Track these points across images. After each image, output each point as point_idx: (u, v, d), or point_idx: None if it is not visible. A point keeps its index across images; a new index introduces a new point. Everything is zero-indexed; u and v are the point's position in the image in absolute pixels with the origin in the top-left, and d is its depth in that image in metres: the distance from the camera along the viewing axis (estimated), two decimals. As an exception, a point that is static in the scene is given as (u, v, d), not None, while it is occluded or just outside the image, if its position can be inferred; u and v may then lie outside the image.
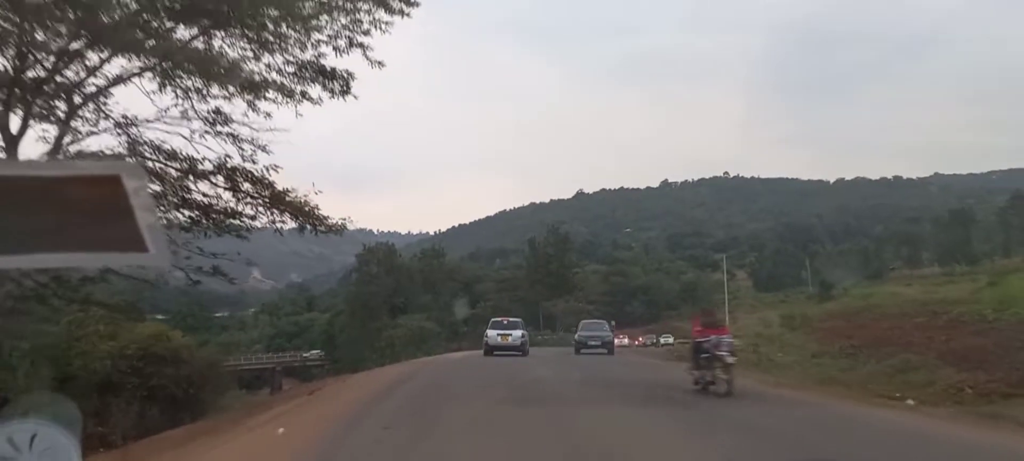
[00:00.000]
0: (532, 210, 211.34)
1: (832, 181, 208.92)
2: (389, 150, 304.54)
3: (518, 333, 29.78)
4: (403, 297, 77.05)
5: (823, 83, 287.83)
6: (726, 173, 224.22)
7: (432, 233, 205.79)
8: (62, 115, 14.28)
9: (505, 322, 31.55)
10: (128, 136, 15.06)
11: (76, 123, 14.55)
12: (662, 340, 66.47)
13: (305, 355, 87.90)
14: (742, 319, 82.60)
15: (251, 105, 15.35)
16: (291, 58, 15.36)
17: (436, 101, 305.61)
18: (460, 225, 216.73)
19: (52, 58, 13.53)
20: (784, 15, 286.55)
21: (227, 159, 15.58)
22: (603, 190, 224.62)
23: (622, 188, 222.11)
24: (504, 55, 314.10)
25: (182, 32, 14.37)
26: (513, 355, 27.53)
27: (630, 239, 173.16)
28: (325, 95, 16.00)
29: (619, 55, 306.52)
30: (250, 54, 15.10)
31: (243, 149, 15.46)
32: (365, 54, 15.32)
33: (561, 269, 76.65)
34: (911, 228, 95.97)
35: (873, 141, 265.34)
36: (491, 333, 29.91)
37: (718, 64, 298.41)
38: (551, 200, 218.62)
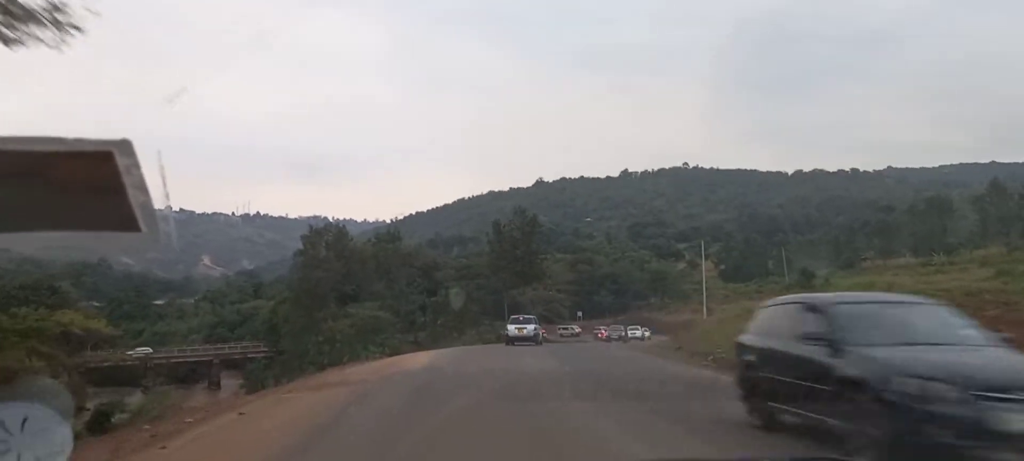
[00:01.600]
0: (491, 198, 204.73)
1: (790, 173, 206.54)
2: (346, 137, 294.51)
3: (531, 327, 35.71)
4: (354, 284, 69.22)
5: (782, 78, 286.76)
6: (686, 164, 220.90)
7: (389, 221, 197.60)
8: None
9: (521, 318, 39.45)
10: None
11: None
12: (631, 331, 59.50)
13: (245, 346, 79.79)
14: (722, 309, 76.71)
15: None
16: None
17: (394, 88, 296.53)
18: (418, 213, 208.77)
19: None
20: (745, 10, 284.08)
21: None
22: (563, 179, 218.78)
23: (582, 177, 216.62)
24: (464, 43, 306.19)
25: None
26: (527, 345, 32.05)
27: (591, 228, 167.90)
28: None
29: (580, 45, 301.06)
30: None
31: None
32: None
33: (528, 255, 69.60)
34: (884, 217, 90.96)
35: (830, 136, 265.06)
36: (511, 327, 36.95)
37: (679, 57, 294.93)
38: (511, 189, 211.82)
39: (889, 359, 7.20)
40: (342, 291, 67.58)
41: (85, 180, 1.31)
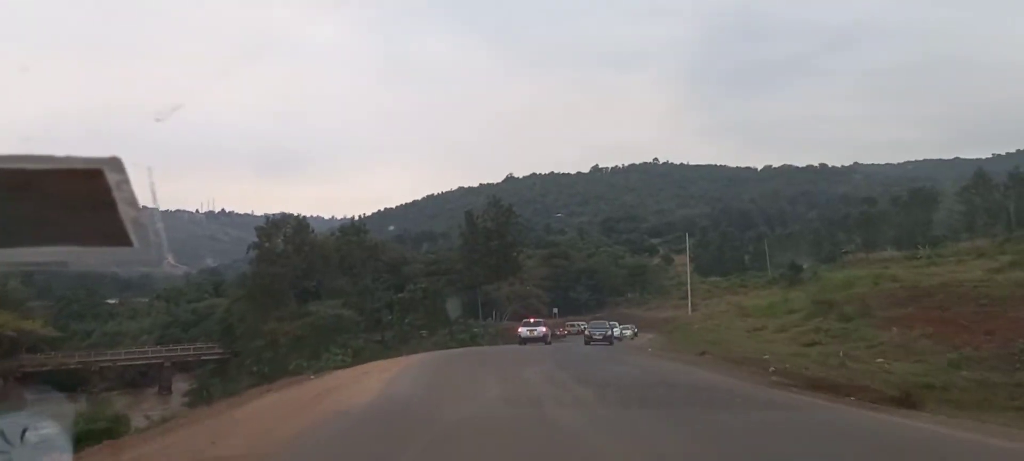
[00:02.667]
0: (461, 194, 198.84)
1: (760, 168, 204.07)
2: (314, 133, 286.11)
3: (541, 329, 38.74)
4: (316, 280, 63.31)
5: (749, 75, 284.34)
6: (656, 159, 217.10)
7: (356, 217, 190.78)
8: None
9: (532, 320, 41.92)
10: None
11: None
12: (619, 330, 52.82)
13: (198, 347, 73.26)
14: (706, 304, 71.93)
15: None
16: None
17: (361, 83, 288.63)
18: (386, 209, 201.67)
19: None
20: (712, 7, 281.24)
21: None
22: (533, 174, 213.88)
23: (552, 173, 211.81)
24: (432, 37, 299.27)
25: None
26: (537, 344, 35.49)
27: (562, 224, 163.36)
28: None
29: (548, 40, 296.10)
30: None
31: None
32: None
33: (503, 248, 64.05)
34: (867, 209, 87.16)
35: (797, 131, 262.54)
36: (523, 330, 39.28)
37: (649, 53, 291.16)
38: (480, 184, 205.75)
39: None
40: (302, 288, 61.68)
41: (77, 196, 1.31)
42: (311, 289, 61.84)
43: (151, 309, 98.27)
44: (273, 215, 64.11)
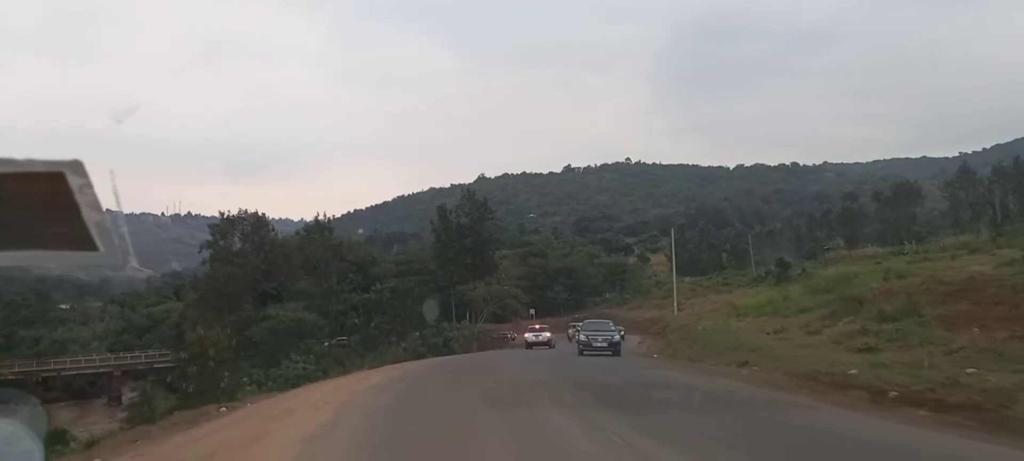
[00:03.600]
0: (432, 195, 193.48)
1: (732, 167, 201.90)
2: (281, 135, 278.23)
3: (546, 334, 41.03)
4: (277, 281, 58.00)
5: (719, 75, 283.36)
6: (628, 159, 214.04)
7: (327, 218, 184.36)
8: None
9: (537, 326, 43.64)
10: None
11: None
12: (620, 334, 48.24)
13: (150, 355, 67.45)
14: (692, 304, 67.71)
15: None
16: None
17: (330, 85, 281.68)
18: (355, 210, 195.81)
19: None
20: (684, 9, 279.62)
21: None
22: (505, 175, 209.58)
23: (524, 173, 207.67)
24: (402, 38, 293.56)
25: None
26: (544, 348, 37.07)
27: (535, 223, 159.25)
28: None
29: (520, 41, 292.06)
30: None
31: None
32: None
33: (479, 245, 59.15)
34: (850, 204, 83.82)
35: (767, 131, 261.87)
36: (528, 335, 41.28)
37: (619, 54, 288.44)
38: (452, 185, 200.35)
39: None
40: (261, 290, 56.35)
41: (38, 200, 1.28)
42: (271, 291, 56.54)
43: (104, 314, 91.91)
44: (244, 216, 58.90)
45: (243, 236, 57.39)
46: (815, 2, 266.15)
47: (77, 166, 1.29)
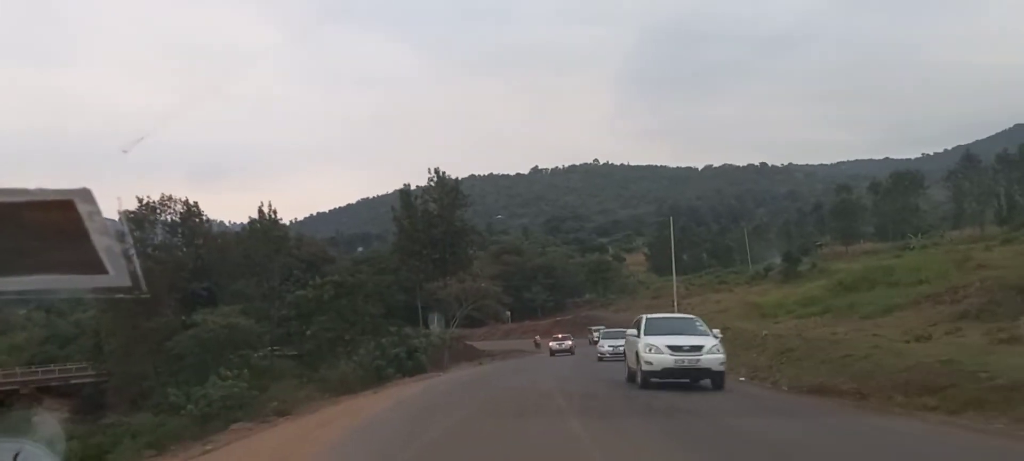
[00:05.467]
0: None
1: (700, 168, 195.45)
2: (242, 139, 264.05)
3: (568, 343, 40.80)
4: (210, 281, 47.57)
5: (686, 79, 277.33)
6: (596, 160, 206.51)
7: (288, 222, 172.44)
8: None
9: (560, 336, 42.96)
10: None
11: None
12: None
13: (65, 370, 56.35)
14: (687, 304, 58.71)
15: None
16: None
17: (292, 87, 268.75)
18: (318, 213, 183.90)
19: None
20: (652, 13, 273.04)
21: None
22: (472, 176, 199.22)
23: (491, 174, 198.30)
24: (365, 40, 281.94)
25: None
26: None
27: (503, 225, 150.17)
28: None
29: (484, 43, 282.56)
30: None
31: None
32: None
33: (450, 235, 49.14)
34: (846, 197, 75.76)
35: (733, 134, 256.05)
36: (553, 344, 40.63)
37: (587, 57, 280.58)
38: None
39: None
40: (190, 291, 45.84)
41: (50, 228, 1.29)
42: (201, 293, 46.10)
43: (27, 322, 79.71)
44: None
45: (168, 228, 46.83)
46: (780, 8, 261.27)
47: (86, 194, 1.29)
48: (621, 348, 20.21)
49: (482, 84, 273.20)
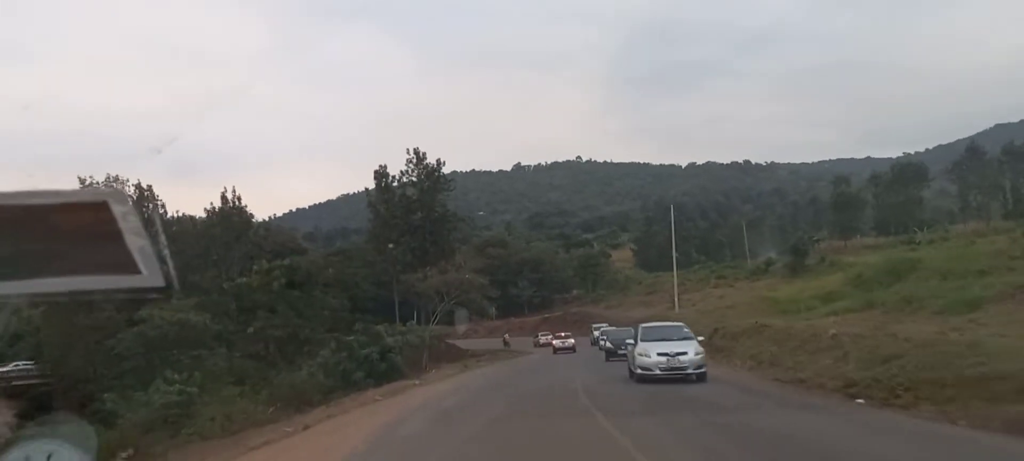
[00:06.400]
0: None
1: (684, 165, 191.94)
2: (220, 134, 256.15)
3: (571, 341, 39.25)
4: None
5: (668, 77, 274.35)
6: (579, 158, 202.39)
7: (267, 218, 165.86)
8: None
9: (563, 334, 42.20)
10: None
11: None
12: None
13: (7, 371, 50.69)
14: (687, 300, 53.81)
15: None
16: None
17: (275, 81, 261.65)
18: (298, 209, 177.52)
19: None
20: (632, 12, 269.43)
21: None
22: (454, 172, 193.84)
23: (473, 170, 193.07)
24: (348, 35, 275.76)
25: None
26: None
27: (485, 221, 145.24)
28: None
29: (466, 40, 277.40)
30: None
31: None
32: None
33: (431, 222, 43.76)
34: (845, 190, 71.51)
35: (715, 133, 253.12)
36: (556, 342, 39.74)
37: (568, 55, 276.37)
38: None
39: None
40: (138, 284, 40.31)
41: (85, 229, 1.30)
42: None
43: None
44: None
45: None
46: (760, 8, 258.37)
47: (120, 195, 1.31)
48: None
49: (465, 80, 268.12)
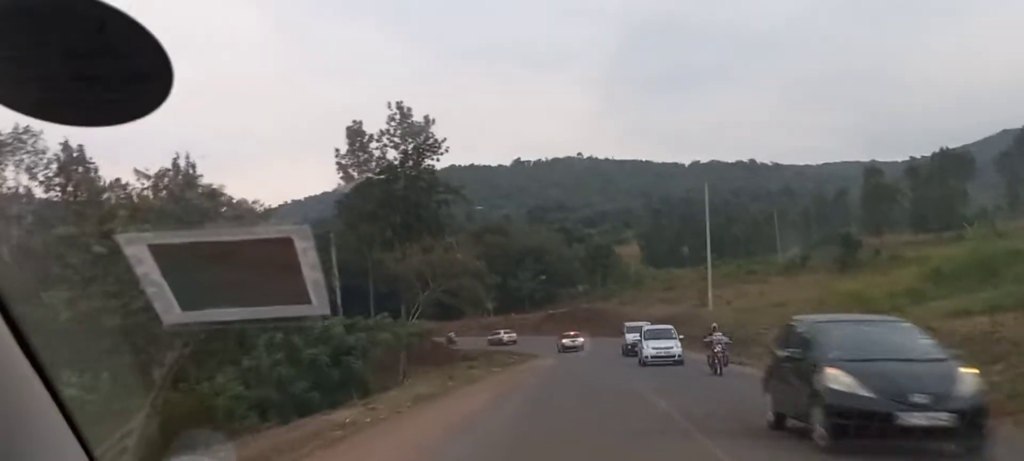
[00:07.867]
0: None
1: (687, 164, 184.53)
2: (218, 126, 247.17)
3: (580, 340, 37.68)
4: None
5: (670, 78, 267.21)
6: (580, 154, 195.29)
7: (260, 210, 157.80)
8: None
9: (573, 333, 39.85)
10: None
11: None
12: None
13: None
14: (720, 296, 45.32)
15: None
16: None
17: (273, 74, 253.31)
18: (293, 201, 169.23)
19: None
20: (635, 11, 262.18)
21: None
22: (453, 166, 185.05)
23: (473, 165, 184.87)
24: (347, 31, 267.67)
25: None
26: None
27: (484, 216, 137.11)
28: None
29: (465, 35, 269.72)
30: None
31: None
32: None
33: (415, 192, 35.39)
34: (878, 181, 63.56)
35: (717, 136, 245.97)
36: (564, 341, 38.43)
37: (570, 53, 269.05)
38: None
39: None
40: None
41: (269, 263, 1.40)
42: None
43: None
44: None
45: (51, 186, 33.27)
46: (764, 12, 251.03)
47: (304, 232, 1.38)
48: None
49: (466, 77, 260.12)
